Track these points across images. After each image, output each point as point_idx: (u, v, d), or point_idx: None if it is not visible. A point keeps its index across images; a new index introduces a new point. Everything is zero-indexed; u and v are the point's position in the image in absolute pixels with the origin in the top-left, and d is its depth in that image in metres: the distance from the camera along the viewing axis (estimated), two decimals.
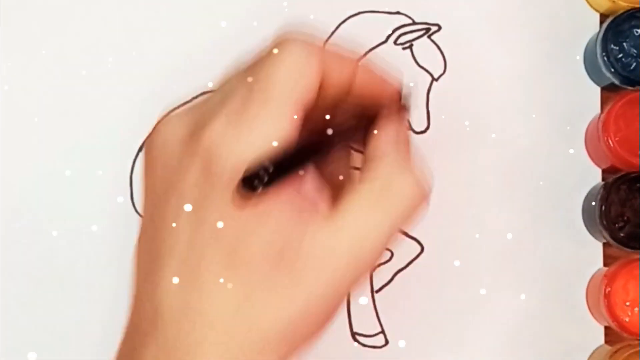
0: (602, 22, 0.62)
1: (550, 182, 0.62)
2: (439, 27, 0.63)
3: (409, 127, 0.61)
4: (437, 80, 0.62)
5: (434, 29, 0.62)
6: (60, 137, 0.62)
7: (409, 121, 0.59)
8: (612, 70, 0.59)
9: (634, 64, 0.59)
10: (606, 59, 0.59)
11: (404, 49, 0.62)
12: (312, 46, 0.45)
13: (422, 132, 0.62)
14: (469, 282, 0.62)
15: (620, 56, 0.59)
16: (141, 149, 0.62)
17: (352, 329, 0.62)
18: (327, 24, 0.62)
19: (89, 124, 0.62)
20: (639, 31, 0.59)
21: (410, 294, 0.62)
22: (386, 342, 0.62)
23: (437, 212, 0.62)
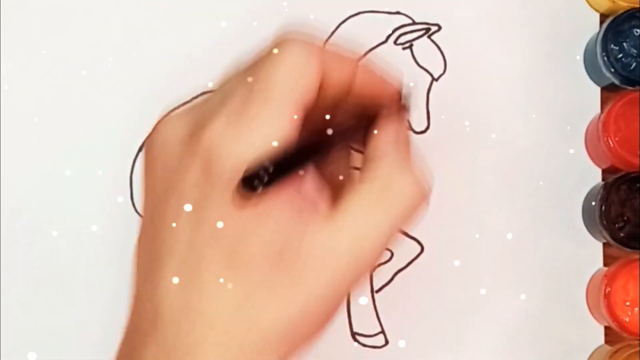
0: (602, 22, 0.62)
1: (550, 182, 0.62)
2: (439, 27, 0.62)
3: (409, 127, 0.61)
4: (437, 80, 0.62)
5: (434, 29, 0.62)
6: (60, 137, 0.62)
7: (409, 121, 0.60)
8: (612, 70, 0.59)
9: (634, 64, 0.59)
10: (606, 59, 0.59)
11: (404, 49, 0.62)
12: (312, 46, 0.45)
13: (422, 132, 0.62)
14: (469, 282, 0.62)
15: (620, 56, 0.59)
16: (141, 149, 0.62)
17: (352, 329, 0.62)
18: (327, 24, 0.62)
19: (89, 124, 0.62)
20: (639, 31, 0.59)
21: (410, 294, 0.62)
22: (386, 342, 0.62)
23: (437, 212, 0.62)
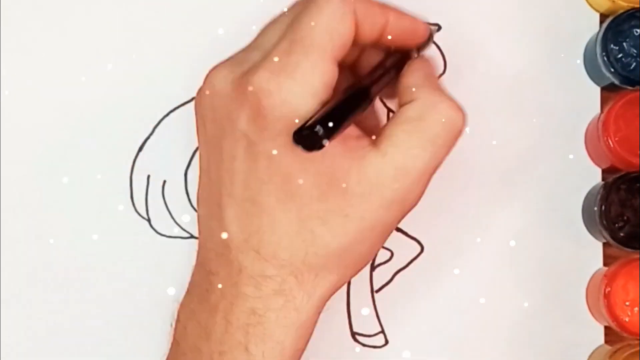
0: (602, 22, 0.62)
1: (550, 182, 0.62)
2: (439, 27, 0.62)
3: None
4: None
5: (434, 28, 0.62)
6: (59, 143, 0.62)
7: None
8: (612, 70, 0.59)
9: (634, 64, 0.59)
10: (606, 58, 0.59)
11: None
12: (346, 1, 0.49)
13: None
14: (468, 282, 0.62)
15: (620, 56, 0.59)
16: (141, 148, 0.62)
17: (352, 329, 0.62)
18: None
19: (89, 129, 0.62)
20: (638, 31, 0.59)
21: (410, 294, 0.62)
22: (386, 342, 0.62)
23: (436, 212, 0.62)
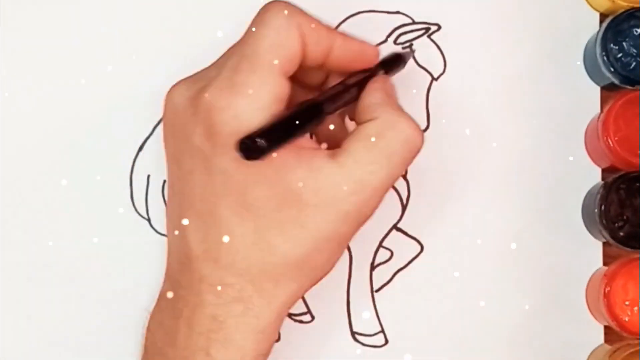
0: (601, 22, 0.62)
1: (550, 182, 0.62)
2: (439, 27, 0.63)
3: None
4: (436, 79, 0.62)
5: (434, 28, 0.62)
6: (59, 143, 0.62)
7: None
8: (612, 69, 0.59)
9: (634, 64, 0.59)
10: (606, 58, 0.59)
11: (404, 48, 0.62)
12: (292, 12, 0.50)
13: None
14: (468, 282, 0.62)
15: (619, 56, 0.59)
16: (141, 148, 0.62)
17: (352, 329, 0.62)
18: (327, 24, 0.62)
19: (89, 129, 0.62)
20: (638, 30, 0.59)
21: (410, 294, 0.62)
22: (386, 341, 0.62)
23: (436, 212, 0.62)
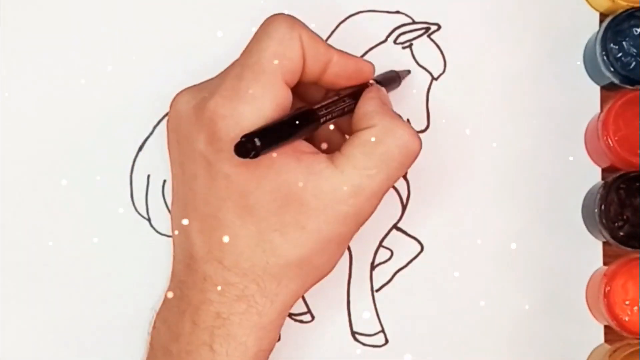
0: (601, 22, 0.62)
1: (550, 182, 0.62)
2: (439, 27, 0.63)
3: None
4: (436, 79, 0.62)
5: (434, 28, 0.62)
6: (59, 143, 0.62)
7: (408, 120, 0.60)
8: (612, 69, 0.59)
9: (634, 63, 0.59)
10: (606, 58, 0.59)
11: (404, 48, 0.62)
12: (294, 24, 0.51)
13: (422, 132, 0.62)
14: (468, 282, 0.62)
15: (619, 55, 0.59)
16: (141, 148, 0.62)
17: (352, 329, 0.62)
18: (327, 24, 0.62)
19: (89, 129, 0.62)
20: (638, 30, 0.59)
21: (410, 293, 0.62)
22: (386, 341, 0.62)
23: (436, 211, 0.62)
